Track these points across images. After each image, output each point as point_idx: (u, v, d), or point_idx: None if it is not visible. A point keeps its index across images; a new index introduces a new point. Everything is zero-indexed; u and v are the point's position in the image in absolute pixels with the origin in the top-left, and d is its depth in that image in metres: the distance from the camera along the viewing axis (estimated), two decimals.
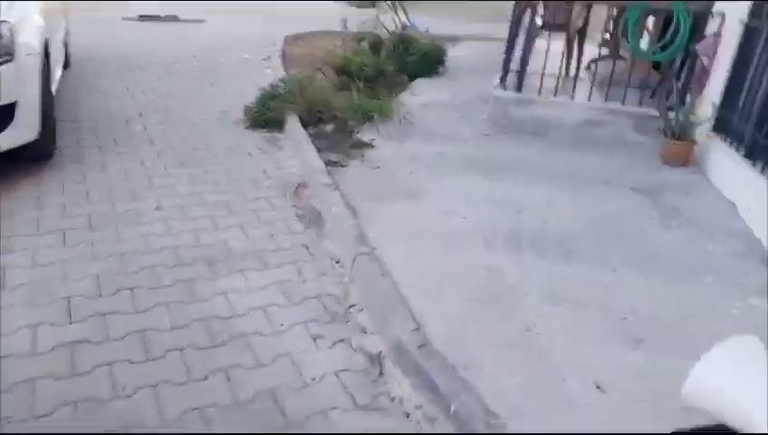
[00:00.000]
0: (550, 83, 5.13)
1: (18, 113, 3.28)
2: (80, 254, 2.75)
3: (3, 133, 3.22)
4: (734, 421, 1.01)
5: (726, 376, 1.05)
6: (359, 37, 7.53)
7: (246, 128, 4.74)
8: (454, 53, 7.53)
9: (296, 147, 4.27)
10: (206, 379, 2.03)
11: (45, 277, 2.54)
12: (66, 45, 5.75)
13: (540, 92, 5.22)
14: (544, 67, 5.04)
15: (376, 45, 7.15)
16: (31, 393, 1.91)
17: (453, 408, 1.84)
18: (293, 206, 3.39)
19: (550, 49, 5.10)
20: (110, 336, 2.20)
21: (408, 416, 1.93)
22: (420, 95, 5.85)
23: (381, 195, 3.37)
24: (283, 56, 7.33)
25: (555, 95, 5.14)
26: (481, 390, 1.90)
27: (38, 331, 2.20)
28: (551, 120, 5.07)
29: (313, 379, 2.07)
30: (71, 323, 2.26)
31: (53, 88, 4.17)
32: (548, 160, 4.13)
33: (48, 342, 2.15)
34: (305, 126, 4.62)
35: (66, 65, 5.77)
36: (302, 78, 5.46)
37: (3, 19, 3.27)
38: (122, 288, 2.50)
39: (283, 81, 5.57)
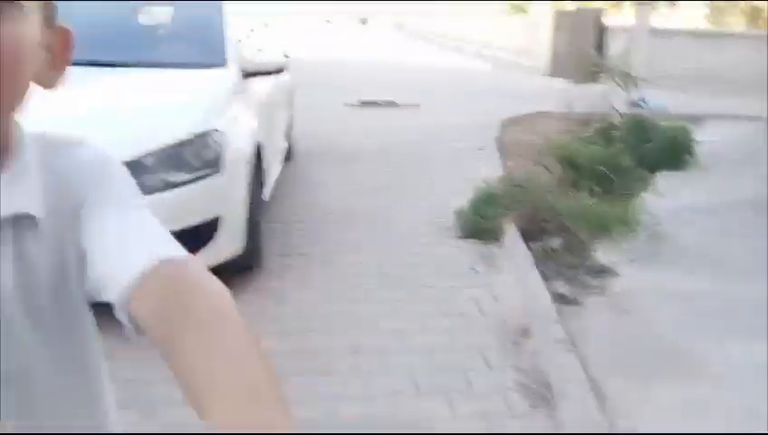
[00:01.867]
0: None
1: (221, 229, 3.05)
2: None
3: (203, 250, 3.00)
4: None
5: None
6: (585, 120, 6.69)
7: (459, 237, 4.15)
8: (703, 138, 6.29)
9: (516, 269, 3.55)
10: None
11: None
12: (289, 138, 5.80)
13: None
14: None
15: (606, 130, 6.24)
16: None
17: None
18: (514, 367, 2.62)
19: None
20: None
21: None
22: (668, 196, 4.80)
23: (640, 366, 2.47)
24: (500, 145, 6.75)
25: None
26: None
27: None
28: None
29: None
30: None
31: (267, 192, 4.01)
32: None
33: None
34: (527, 239, 3.89)
35: (288, 157, 5.81)
36: (522, 178, 4.78)
37: (213, 127, 3.11)
38: None
39: (500, 179, 4.95)
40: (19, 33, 0.55)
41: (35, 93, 0.60)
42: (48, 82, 0.63)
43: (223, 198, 3.08)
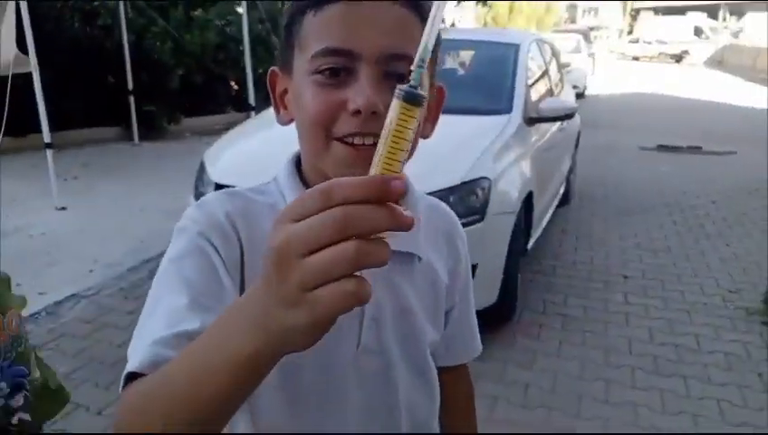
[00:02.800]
0: None
1: (476, 277, 2.94)
2: None
3: None
4: None
5: None
6: None
7: (764, 323, 3.36)
8: None
9: None
10: None
11: None
12: (570, 180, 5.49)
13: None
14: None
15: None
16: None
17: None
18: None
19: None
20: None
21: None
22: None
23: None
24: None
25: None
26: None
27: None
28: None
29: None
30: None
31: (532, 241, 3.80)
32: None
33: None
34: None
35: (566, 201, 5.50)
36: None
37: (483, 175, 3.03)
38: None
39: None
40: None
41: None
42: (427, 132, 0.76)
43: (482, 247, 2.98)
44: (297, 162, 0.76)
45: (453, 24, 12.85)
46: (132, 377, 0.55)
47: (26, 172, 5.93)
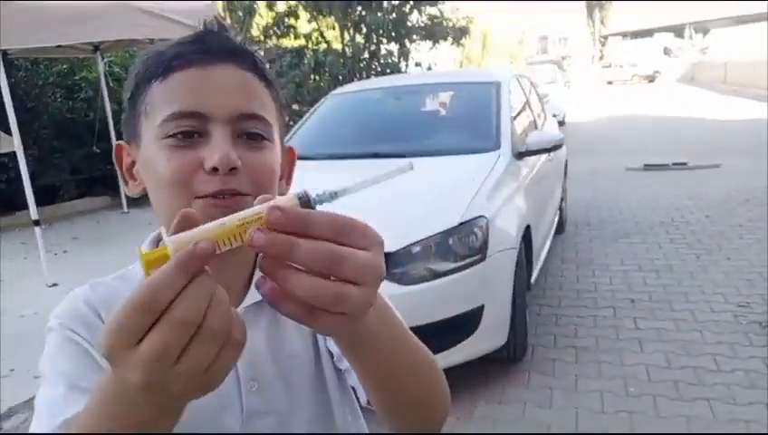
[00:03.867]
0: None
1: (484, 318, 2.89)
2: None
3: (465, 342, 2.86)
4: None
5: None
6: None
7: None
8: None
9: None
10: None
11: None
12: (561, 209, 5.49)
13: None
14: None
15: None
16: None
17: None
18: None
19: None
20: None
21: None
22: None
23: None
24: None
25: None
26: None
27: None
28: None
29: None
30: None
31: (535, 274, 3.76)
32: None
33: None
34: None
35: (560, 230, 5.48)
36: None
37: (480, 214, 3.00)
38: None
39: None
40: (276, 158, 0.71)
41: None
42: (283, 190, 0.75)
43: (487, 286, 2.93)
44: (156, 243, 0.76)
45: (429, 68, 13.06)
46: None
47: (16, 250, 5.84)
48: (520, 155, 3.86)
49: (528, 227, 3.48)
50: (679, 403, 2.74)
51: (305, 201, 0.45)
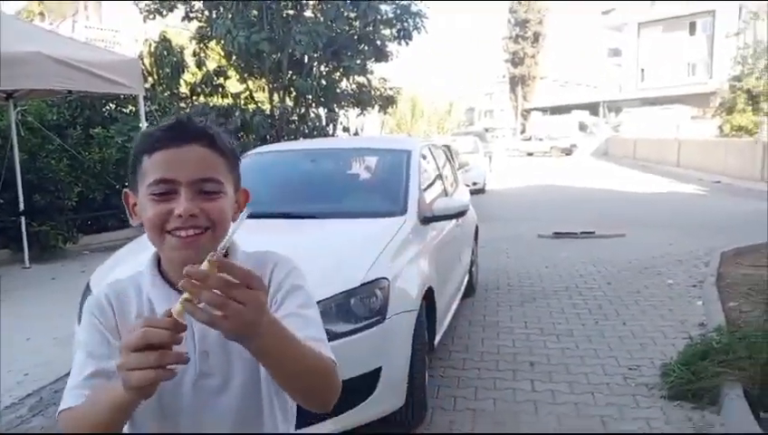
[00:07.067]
0: None
1: (381, 380, 2.91)
2: None
3: (363, 404, 2.86)
4: None
5: None
6: None
7: (663, 397, 3.49)
8: None
9: None
10: None
11: None
12: (472, 272, 5.65)
13: None
14: None
15: None
16: None
17: None
18: None
19: None
20: None
21: None
22: None
23: None
24: (718, 283, 5.81)
25: None
26: None
27: None
28: None
29: None
30: None
31: (438, 338, 3.83)
32: None
33: None
34: (755, 407, 3.12)
35: (471, 293, 5.63)
36: (748, 327, 3.97)
37: (381, 276, 3.07)
38: None
39: (718, 328, 4.17)
40: (228, 203, 1.07)
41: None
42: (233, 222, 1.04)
43: (385, 348, 2.96)
44: (157, 256, 1.12)
45: (356, 133, 13.38)
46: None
47: None
48: (426, 220, 4.00)
49: (431, 290, 3.56)
50: None
51: (219, 253, 0.81)
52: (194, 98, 11.85)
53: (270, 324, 0.86)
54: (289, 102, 12.37)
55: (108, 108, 10.00)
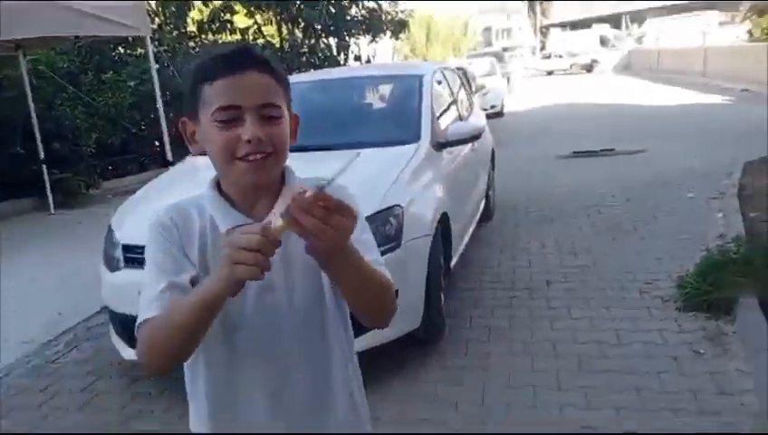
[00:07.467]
0: None
1: (398, 304, 2.99)
2: None
3: None
4: None
5: None
6: None
7: (678, 309, 3.54)
8: None
9: (754, 356, 2.87)
10: None
11: None
12: (489, 196, 5.65)
13: None
14: None
15: None
16: None
17: None
18: None
19: None
20: None
21: None
22: None
23: None
24: (740, 194, 5.73)
25: None
26: None
27: None
28: None
29: None
30: None
31: (454, 260, 3.89)
32: None
33: None
34: None
35: (488, 217, 5.65)
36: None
37: (395, 203, 3.10)
38: None
39: (737, 239, 4.16)
40: (287, 127, 1.10)
41: None
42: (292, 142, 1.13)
43: (401, 272, 3.02)
44: (217, 179, 1.14)
45: (368, 61, 13.12)
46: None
47: None
48: (440, 145, 3.99)
49: (446, 215, 3.60)
50: (580, 376, 2.92)
51: (321, 187, 0.87)
52: (202, 36, 11.68)
53: (350, 248, 0.96)
54: (298, 34, 12.14)
55: (117, 52, 9.94)
